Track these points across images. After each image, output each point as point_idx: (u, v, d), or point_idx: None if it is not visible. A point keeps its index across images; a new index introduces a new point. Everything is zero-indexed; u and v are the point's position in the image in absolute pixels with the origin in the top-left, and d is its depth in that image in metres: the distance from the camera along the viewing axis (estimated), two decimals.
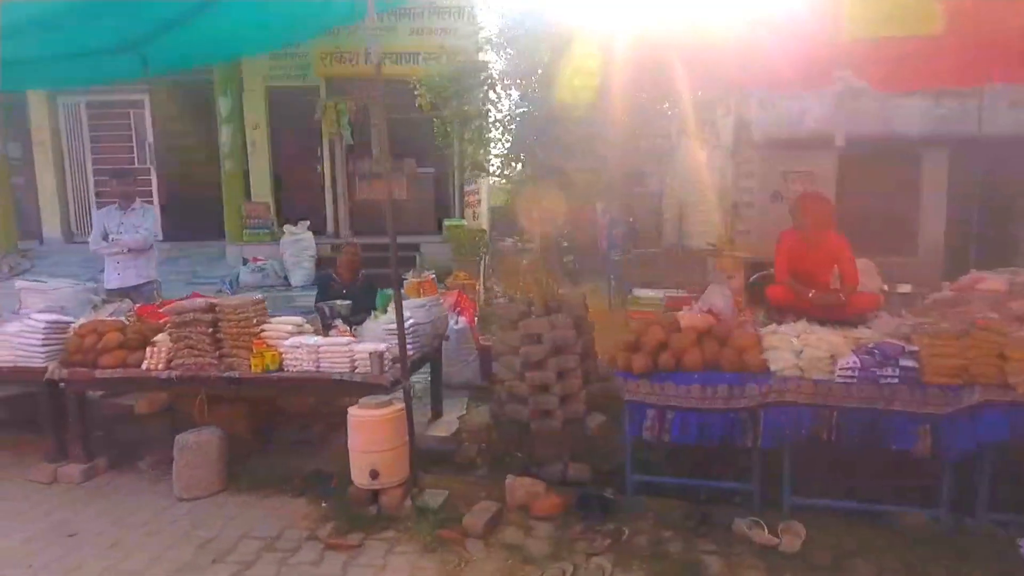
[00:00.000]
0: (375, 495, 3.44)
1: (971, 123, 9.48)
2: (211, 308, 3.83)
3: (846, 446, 3.13)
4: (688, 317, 3.54)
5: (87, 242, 10.31)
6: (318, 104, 9.85)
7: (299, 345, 3.75)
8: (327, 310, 4.60)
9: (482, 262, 8.56)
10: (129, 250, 5.44)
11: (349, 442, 3.47)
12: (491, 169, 10.58)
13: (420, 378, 5.02)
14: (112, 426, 4.74)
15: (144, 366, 3.90)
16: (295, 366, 3.75)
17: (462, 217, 10.08)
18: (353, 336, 4.14)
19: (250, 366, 3.77)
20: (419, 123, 10.99)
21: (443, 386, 5.04)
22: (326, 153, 10.14)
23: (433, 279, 4.95)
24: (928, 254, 10.16)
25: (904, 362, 3.02)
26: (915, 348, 3.05)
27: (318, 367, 3.73)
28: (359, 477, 3.42)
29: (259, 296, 4.03)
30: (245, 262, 8.88)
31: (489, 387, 5.56)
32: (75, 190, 10.33)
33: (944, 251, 10.34)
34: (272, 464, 4.16)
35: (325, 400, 4.52)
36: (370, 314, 4.82)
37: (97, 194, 10.36)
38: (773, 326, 3.60)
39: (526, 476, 3.74)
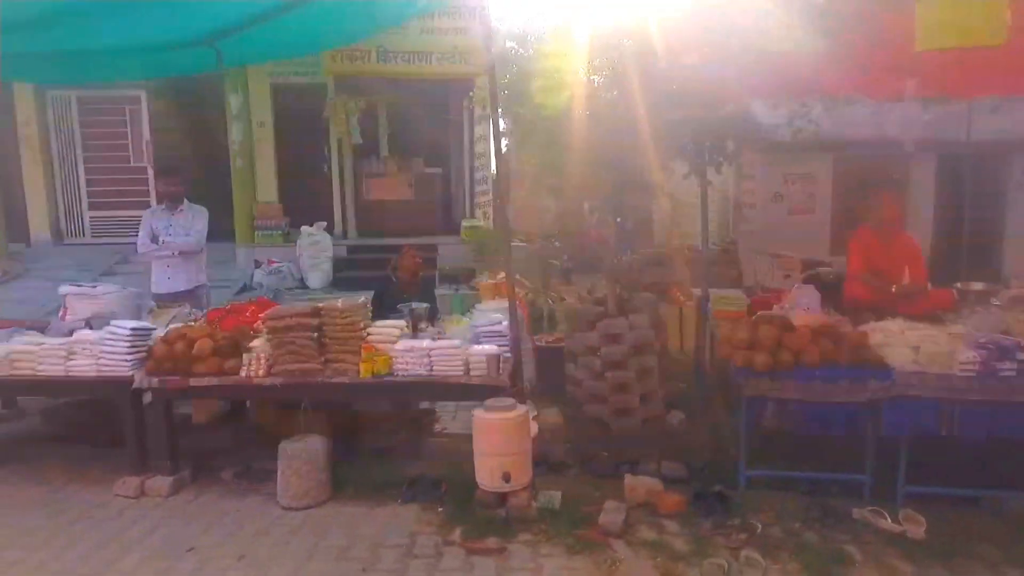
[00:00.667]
0: (502, 498, 3.42)
1: (959, 129, 9.96)
2: (316, 312, 3.74)
3: (967, 437, 3.30)
4: (801, 316, 3.65)
5: (78, 244, 9.92)
6: (327, 103, 9.66)
7: (411, 348, 3.70)
8: (408, 312, 4.54)
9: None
10: (180, 253, 5.25)
11: (476, 446, 3.45)
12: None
13: None
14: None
15: (243, 373, 3.77)
16: (405, 370, 3.70)
17: (473, 217, 10.05)
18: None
19: (358, 371, 3.71)
20: (427, 123, 10.93)
21: None
22: (334, 152, 9.94)
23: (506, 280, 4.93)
24: None
25: (1021, 356, 3.20)
26: None
27: (431, 370, 3.69)
28: (489, 480, 3.40)
29: (363, 299, 3.95)
30: (258, 264, 8.64)
31: (554, 386, 5.59)
32: (65, 190, 9.83)
33: (931, 253, 10.91)
34: (364, 472, 4.07)
35: (405, 405, 4.47)
36: (437, 316, 4.79)
37: (88, 193, 9.90)
38: (872, 323, 3.76)
39: (627, 475, 3.79)
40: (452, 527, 3.39)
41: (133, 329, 3.89)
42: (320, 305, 3.77)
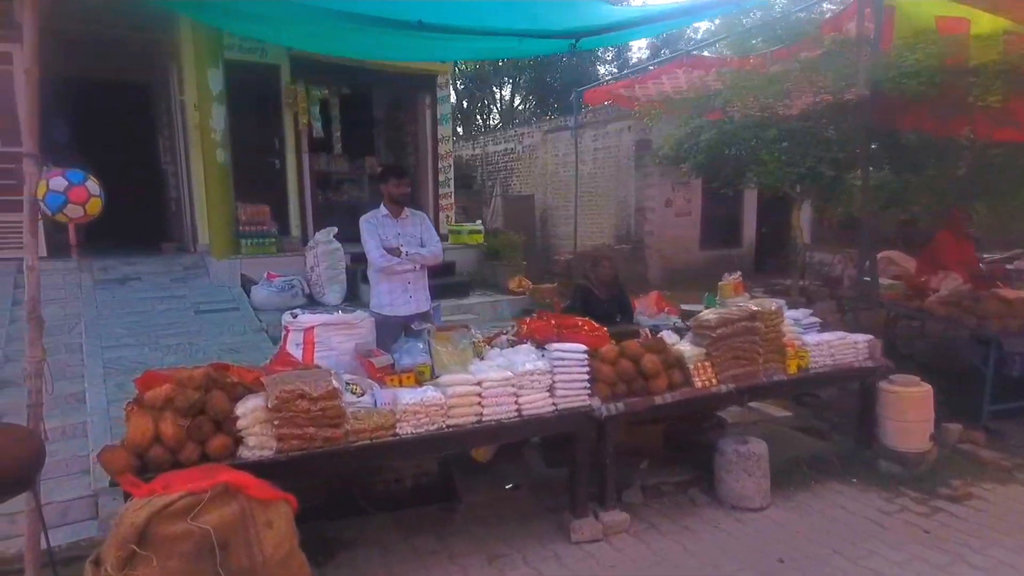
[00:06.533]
0: (921, 456, 4.12)
1: None
2: (755, 315, 3.86)
3: None
4: (1007, 292, 5.13)
5: None
6: (285, 88, 8.27)
7: (821, 343, 4.11)
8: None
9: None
10: (421, 267, 4.45)
11: (902, 416, 4.07)
12: None
13: None
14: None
15: (698, 384, 3.69)
16: (817, 362, 4.10)
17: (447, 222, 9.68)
18: None
19: (784, 368, 3.97)
20: (383, 119, 10.08)
21: None
22: (289, 146, 8.52)
23: (740, 280, 5.37)
24: (748, 245, 13.76)
25: None
26: None
27: (834, 360, 4.15)
28: (916, 443, 4.06)
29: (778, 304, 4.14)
30: (249, 281, 7.08)
31: None
32: None
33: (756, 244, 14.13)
34: None
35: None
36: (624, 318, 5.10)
37: None
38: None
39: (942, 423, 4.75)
40: (896, 488, 3.97)
41: (585, 352, 3.45)
42: (756, 308, 3.90)
